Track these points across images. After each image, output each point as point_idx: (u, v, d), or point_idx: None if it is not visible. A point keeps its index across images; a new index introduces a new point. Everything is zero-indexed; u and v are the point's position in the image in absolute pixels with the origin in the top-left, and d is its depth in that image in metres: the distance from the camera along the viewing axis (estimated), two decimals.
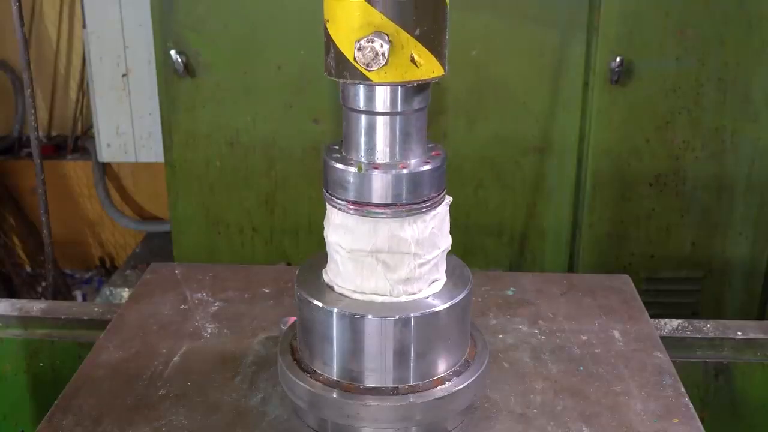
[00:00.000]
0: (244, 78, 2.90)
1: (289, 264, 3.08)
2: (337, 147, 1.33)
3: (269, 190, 3.05)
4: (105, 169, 4.52)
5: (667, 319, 1.90)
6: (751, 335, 1.86)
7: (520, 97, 2.89)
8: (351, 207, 1.28)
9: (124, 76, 3.68)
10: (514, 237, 3.06)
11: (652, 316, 1.79)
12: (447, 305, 1.32)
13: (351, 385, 1.32)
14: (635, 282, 1.93)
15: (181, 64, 2.85)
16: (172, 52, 2.85)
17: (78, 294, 4.57)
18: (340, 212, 1.30)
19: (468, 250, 3.03)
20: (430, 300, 1.33)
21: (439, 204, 1.32)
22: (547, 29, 2.80)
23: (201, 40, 2.86)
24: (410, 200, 1.27)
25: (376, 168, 1.26)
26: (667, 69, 2.80)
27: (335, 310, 1.30)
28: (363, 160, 1.28)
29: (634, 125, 2.87)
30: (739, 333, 1.87)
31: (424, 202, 1.29)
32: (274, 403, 1.45)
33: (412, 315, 1.29)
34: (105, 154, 3.84)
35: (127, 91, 3.71)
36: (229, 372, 1.55)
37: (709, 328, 1.88)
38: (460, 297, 1.34)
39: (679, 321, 1.90)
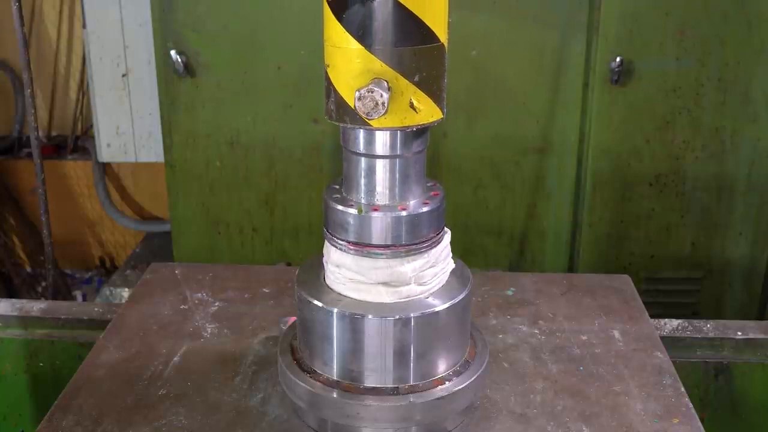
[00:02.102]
0: (244, 78, 2.90)
1: (289, 264, 3.08)
2: (337, 186, 1.35)
3: (269, 190, 3.05)
4: (105, 169, 4.51)
5: (667, 319, 1.90)
6: (751, 335, 1.87)
7: (520, 97, 2.89)
8: (351, 247, 1.30)
9: (124, 76, 3.68)
10: (514, 237, 3.06)
11: (652, 316, 1.79)
12: (447, 305, 1.32)
13: (351, 385, 1.32)
14: (635, 282, 1.93)
15: (181, 64, 2.85)
16: (172, 52, 2.84)
17: (78, 294, 4.57)
18: (340, 250, 1.32)
19: (468, 250, 3.03)
20: (430, 300, 1.33)
21: (438, 243, 1.34)
22: (547, 29, 2.80)
23: (201, 40, 2.86)
24: (409, 241, 1.30)
25: (375, 210, 1.29)
26: (667, 69, 2.80)
27: (335, 310, 1.30)
28: (363, 201, 1.30)
29: (634, 125, 2.87)
30: (739, 333, 1.87)
31: (423, 242, 1.31)
32: (274, 403, 1.45)
33: (412, 315, 1.29)
34: (105, 154, 3.84)
35: (127, 91, 3.70)
36: (229, 372, 1.55)
37: (709, 328, 1.88)
38: (460, 297, 1.34)
39: (679, 321, 1.90)
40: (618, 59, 2.76)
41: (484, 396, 1.46)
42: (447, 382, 1.34)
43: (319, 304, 1.32)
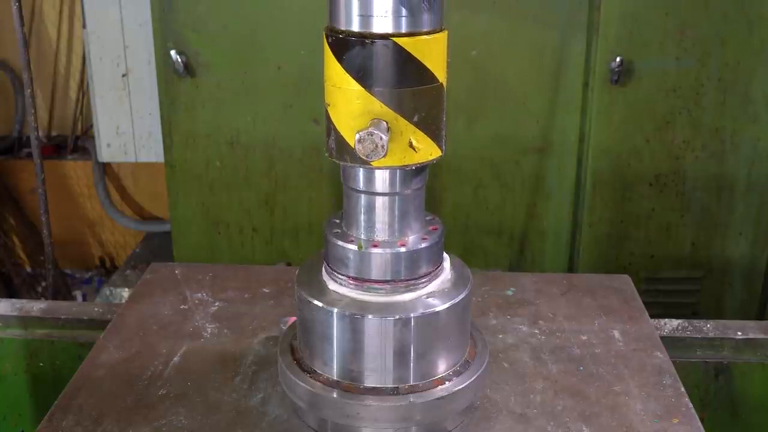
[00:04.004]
0: (244, 78, 2.90)
1: (289, 264, 3.08)
2: (337, 221, 1.36)
3: (269, 190, 3.05)
4: (105, 169, 4.51)
5: (667, 319, 1.90)
6: (751, 335, 1.87)
7: (520, 97, 2.89)
8: (351, 282, 1.32)
9: (124, 76, 3.68)
10: (514, 237, 3.06)
11: (652, 316, 1.79)
12: (447, 305, 1.32)
13: (351, 385, 1.32)
14: (635, 282, 1.93)
15: (181, 64, 2.85)
16: (172, 52, 2.84)
17: (78, 294, 4.57)
18: (339, 284, 1.34)
19: (468, 250, 3.03)
20: (430, 300, 1.33)
21: (437, 277, 1.36)
22: (547, 29, 2.80)
23: (201, 40, 2.86)
24: (408, 276, 1.32)
25: (375, 246, 1.31)
26: (667, 69, 2.80)
27: (335, 310, 1.31)
28: (363, 236, 1.32)
29: (634, 125, 2.87)
30: (739, 333, 1.87)
31: (421, 277, 1.33)
32: (274, 403, 1.45)
33: (412, 315, 1.29)
34: (105, 154, 3.84)
35: (127, 91, 3.70)
36: (229, 372, 1.55)
37: (709, 328, 1.88)
38: (460, 297, 1.34)
39: (679, 321, 1.90)
40: (618, 59, 2.76)
41: (484, 396, 1.46)
42: (447, 382, 1.34)
43: (319, 304, 1.32)
